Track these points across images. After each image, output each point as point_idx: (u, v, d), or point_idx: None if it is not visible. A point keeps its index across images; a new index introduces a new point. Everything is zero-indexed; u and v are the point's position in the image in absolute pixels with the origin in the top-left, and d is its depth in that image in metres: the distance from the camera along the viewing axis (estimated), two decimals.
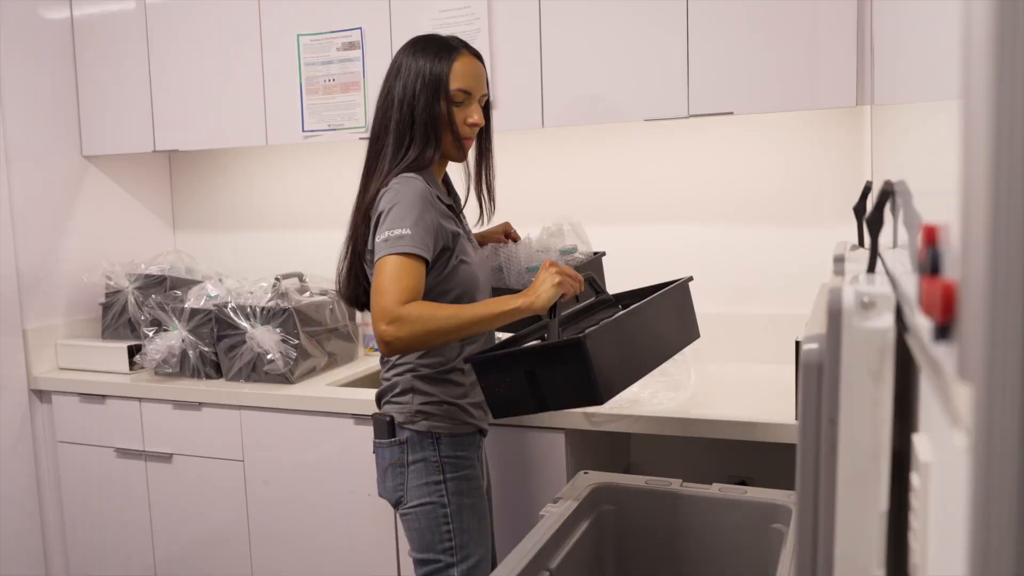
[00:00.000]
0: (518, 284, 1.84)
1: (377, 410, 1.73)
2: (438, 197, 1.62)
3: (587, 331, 1.41)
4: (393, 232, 1.50)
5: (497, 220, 1.89)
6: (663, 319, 1.67)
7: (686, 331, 1.74)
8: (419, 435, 1.64)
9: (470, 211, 1.82)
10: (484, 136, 1.76)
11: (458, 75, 1.63)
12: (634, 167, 2.47)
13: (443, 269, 1.61)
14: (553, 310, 1.50)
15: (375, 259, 1.52)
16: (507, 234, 1.97)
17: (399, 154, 1.62)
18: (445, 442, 1.64)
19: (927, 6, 0.64)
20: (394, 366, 1.70)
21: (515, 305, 1.48)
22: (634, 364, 1.57)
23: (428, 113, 1.62)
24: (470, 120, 1.66)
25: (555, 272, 1.51)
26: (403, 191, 1.54)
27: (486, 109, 1.72)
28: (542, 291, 1.49)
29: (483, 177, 1.79)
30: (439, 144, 1.64)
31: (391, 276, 1.47)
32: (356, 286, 1.70)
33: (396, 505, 1.67)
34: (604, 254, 2.00)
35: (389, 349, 1.47)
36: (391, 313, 1.44)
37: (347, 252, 1.69)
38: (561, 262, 1.82)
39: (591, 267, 1.94)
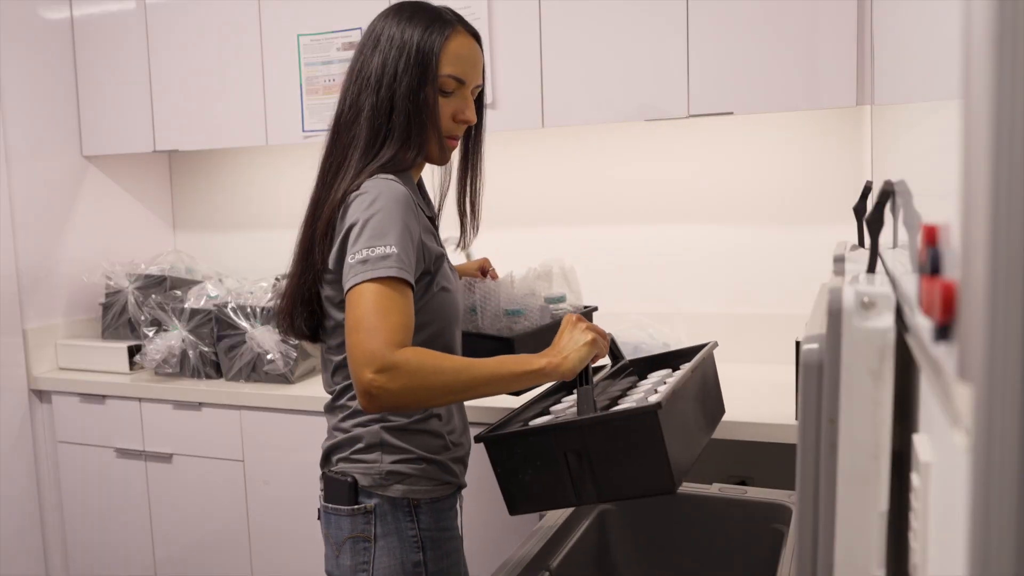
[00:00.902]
0: (492, 328, 1.58)
1: (329, 467, 1.37)
2: (420, 207, 1.32)
3: (655, 399, 1.18)
4: (373, 251, 1.18)
5: (482, 237, 1.59)
6: (708, 386, 1.45)
7: (718, 405, 1.51)
8: (392, 503, 1.30)
9: (446, 227, 1.52)
10: (473, 137, 1.45)
11: (451, 57, 1.31)
12: (634, 167, 2.47)
13: (419, 296, 1.28)
14: (584, 375, 1.24)
15: (348, 284, 1.19)
16: (484, 272, 1.69)
17: (372, 150, 1.30)
18: (425, 510, 1.32)
19: (927, 6, 0.64)
20: (353, 413, 1.34)
21: (538, 366, 1.20)
22: (692, 441, 1.30)
23: (412, 100, 1.28)
24: (460, 116, 1.33)
25: (585, 328, 1.25)
26: (382, 197, 1.22)
27: (479, 104, 1.42)
28: (570, 351, 1.22)
29: (468, 187, 1.45)
30: (423, 142, 1.31)
31: (376, 309, 1.14)
32: (306, 313, 1.34)
33: None
34: (596, 309, 1.83)
35: (373, 404, 1.13)
36: (382, 359, 1.11)
37: (298, 271, 1.34)
38: (546, 308, 1.61)
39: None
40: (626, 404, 1.31)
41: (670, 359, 1.57)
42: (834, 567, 0.62)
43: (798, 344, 1.24)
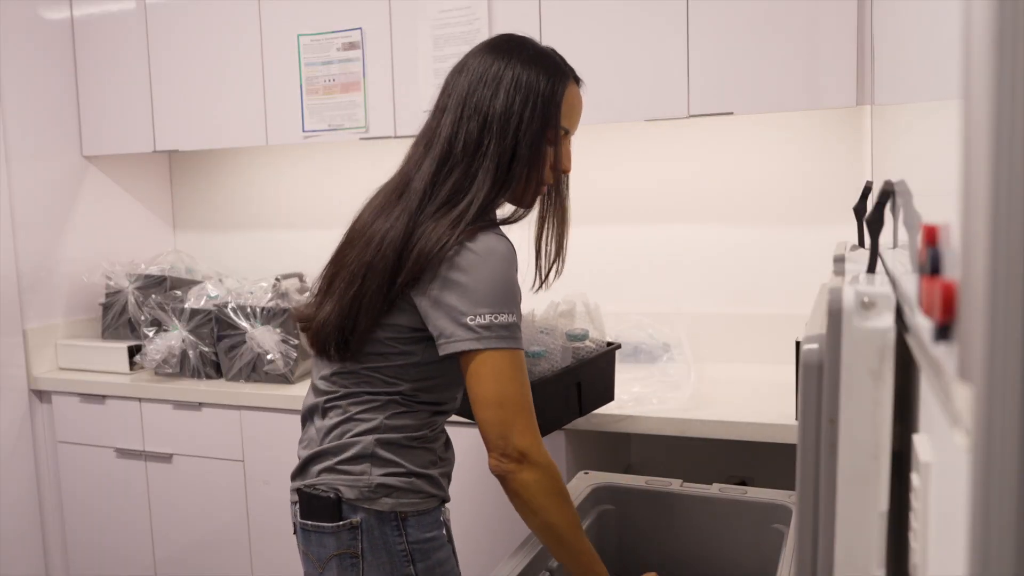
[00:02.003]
0: None
1: (308, 480, 1.32)
2: None
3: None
4: (497, 318, 1.18)
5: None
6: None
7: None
8: (379, 517, 1.27)
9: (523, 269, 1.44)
10: (560, 181, 1.40)
11: (567, 108, 1.31)
12: (634, 167, 2.47)
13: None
14: None
15: (469, 344, 1.19)
16: None
17: (489, 196, 1.25)
18: (412, 523, 1.29)
19: (927, 6, 0.64)
20: (350, 419, 1.30)
21: None
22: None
23: (533, 150, 1.27)
24: (560, 165, 1.32)
25: None
26: (505, 261, 1.22)
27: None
28: None
29: (552, 227, 1.39)
30: (538, 191, 1.32)
31: (515, 383, 1.20)
32: (340, 331, 1.28)
33: None
34: (619, 347, 1.78)
35: (509, 483, 1.22)
36: (533, 453, 1.20)
37: (351, 291, 1.26)
38: (568, 348, 1.57)
39: (602, 361, 1.71)
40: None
41: None
42: (834, 567, 0.62)
43: (798, 344, 1.24)
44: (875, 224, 0.75)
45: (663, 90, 2.06)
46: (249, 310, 2.41)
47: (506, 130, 1.25)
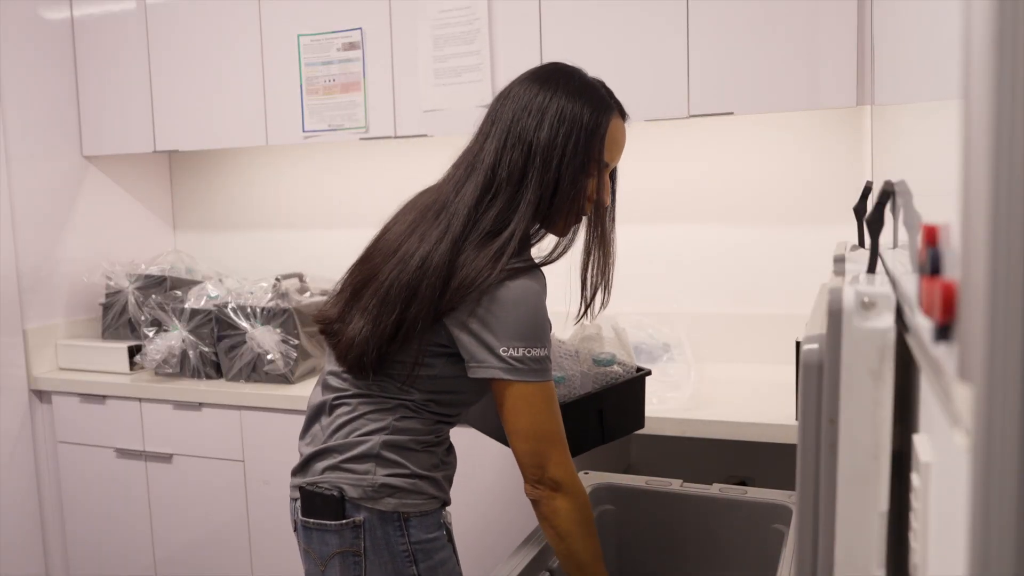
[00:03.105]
0: None
1: (310, 477, 1.32)
2: None
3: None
4: (530, 351, 1.22)
5: None
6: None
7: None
8: (382, 517, 1.28)
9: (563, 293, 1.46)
10: (605, 212, 1.39)
11: (609, 143, 1.30)
12: (634, 167, 2.46)
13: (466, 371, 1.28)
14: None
15: (502, 375, 1.22)
16: None
17: (531, 225, 1.27)
18: (414, 524, 1.30)
19: (927, 6, 0.64)
20: (359, 418, 1.31)
21: None
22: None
23: (573, 184, 1.27)
24: (598, 197, 1.31)
25: None
26: (538, 296, 1.24)
27: (611, 180, 1.39)
28: None
29: (598, 259, 1.38)
30: (572, 223, 1.34)
31: (551, 417, 1.25)
32: (379, 351, 1.27)
33: None
34: (649, 373, 1.68)
35: (541, 508, 1.27)
36: (568, 483, 1.26)
37: (392, 315, 1.25)
38: (589, 374, 1.54)
39: (629, 388, 1.61)
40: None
41: None
42: (834, 567, 0.62)
43: (798, 344, 1.24)
44: (875, 224, 0.75)
45: (663, 90, 2.06)
46: (249, 310, 2.41)
47: (549, 162, 1.25)
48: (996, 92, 0.35)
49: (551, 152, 1.25)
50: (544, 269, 1.31)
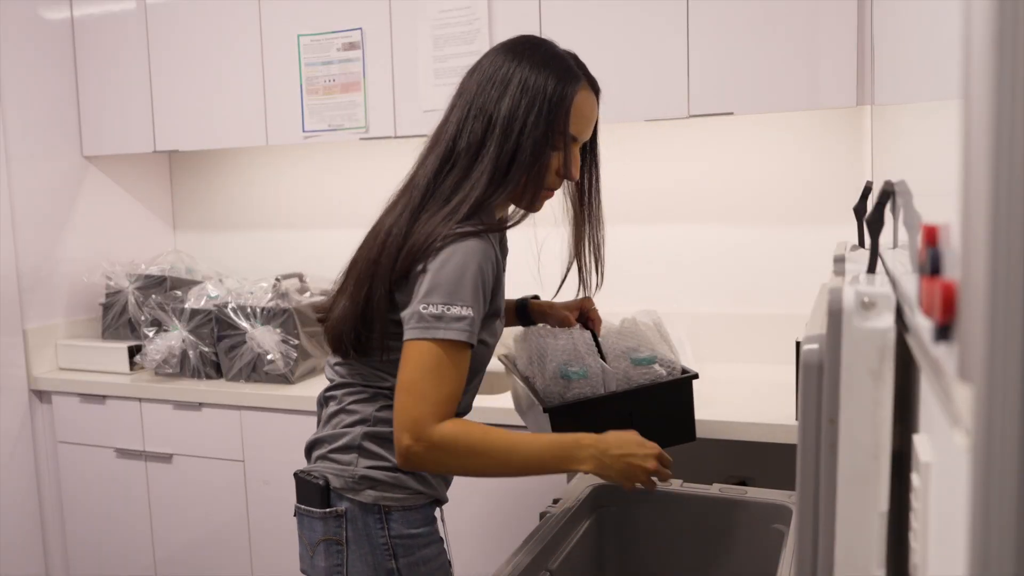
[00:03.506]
0: (541, 388, 1.42)
1: (306, 466, 1.37)
2: (499, 261, 1.30)
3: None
4: (449, 308, 1.18)
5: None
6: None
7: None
8: (363, 508, 1.30)
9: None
10: (589, 190, 1.43)
11: (577, 114, 1.28)
12: (634, 167, 2.47)
13: None
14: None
15: (412, 333, 1.19)
16: (582, 315, 1.55)
17: (485, 197, 1.25)
18: (396, 518, 1.29)
19: (927, 6, 0.64)
20: (344, 409, 1.34)
21: (577, 468, 1.23)
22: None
23: (534, 154, 1.25)
24: (565, 172, 1.30)
25: (649, 456, 1.24)
26: (472, 256, 1.20)
27: (593, 155, 1.41)
28: (616, 471, 1.24)
29: (589, 240, 1.42)
30: (536, 196, 1.30)
31: (432, 374, 1.17)
32: (355, 331, 1.29)
33: None
34: (696, 376, 1.48)
35: (407, 466, 1.21)
36: (422, 432, 1.17)
37: (362, 290, 1.27)
38: (619, 372, 1.43)
39: (672, 393, 1.44)
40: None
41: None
42: (834, 567, 0.62)
43: (798, 344, 1.24)
44: (875, 224, 0.75)
45: (663, 90, 2.06)
46: (249, 310, 2.41)
47: (509, 133, 1.24)
48: (996, 92, 0.35)
49: (511, 123, 1.24)
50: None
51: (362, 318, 1.28)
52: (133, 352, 2.58)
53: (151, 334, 2.51)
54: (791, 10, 1.94)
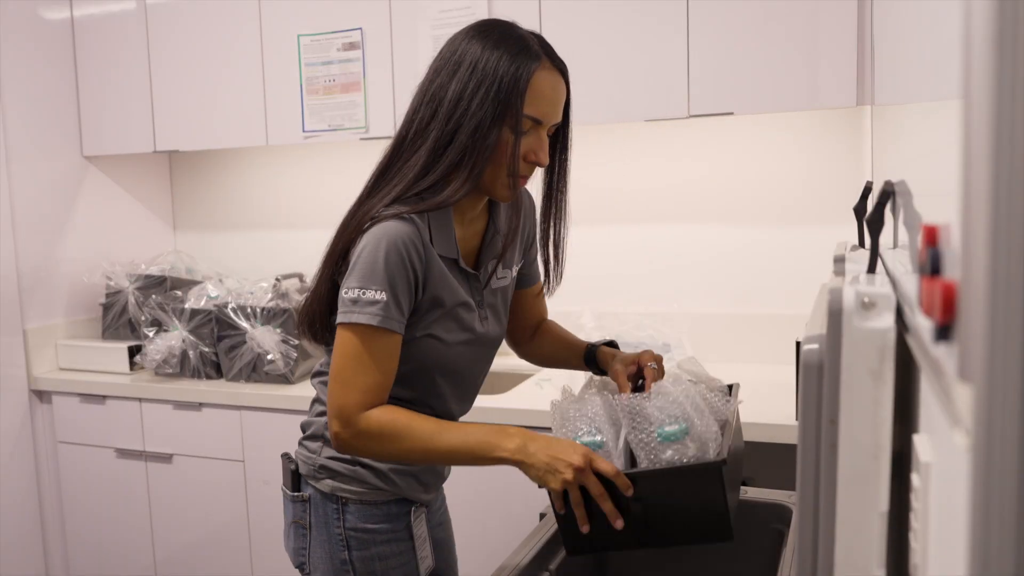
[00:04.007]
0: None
1: (298, 447, 1.40)
2: (441, 255, 1.23)
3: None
4: (364, 292, 1.16)
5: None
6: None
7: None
8: (323, 496, 1.31)
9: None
10: (556, 178, 1.32)
11: (533, 96, 1.19)
12: (634, 167, 2.47)
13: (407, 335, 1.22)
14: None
15: (339, 317, 1.19)
16: (640, 369, 1.33)
17: (416, 182, 1.20)
18: (352, 510, 1.29)
19: (927, 6, 0.64)
20: (317, 398, 1.37)
21: (500, 458, 1.15)
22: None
23: (476, 136, 1.17)
24: (532, 156, 1.21)
25: (572, 466, 1.11)
26: (386, 239, 1.17)
27: (563, 141, 1.30)
28: (542, 467, 1.13)
29: (552, 233, 1.34)
30: (475, 179, 1.19)
31: (355, 361, 1.16)
32: (309, 317, 1.30)
33: (299, 569, 1.37)
34: (724, 463, 1.14)
35: (336, 448, 1.21)
36: (348, 420, 1.16)
37: (317, 279, 1.29)
38: (658, 452, 1.18)
39: (694, 480, 1.15)
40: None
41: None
42: (834, 567, 0.62)
43: (798, 344, 1.24)
44: (875, 224, 0.75)
45: (663, 90, 2.06)
46: (249, 310, 2.41)
47: (451, 115, 1.18)
48: (996, 92, 0.35)
49: (456, 105, 1.18)
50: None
51: (313, 305, 1.29)
52: (133, 352, 2.58)
53: (151, 334, 2.51)
54: (791, 10, 1.93)
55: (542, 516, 1.51)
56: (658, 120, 2.12)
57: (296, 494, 1.35)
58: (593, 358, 1.43)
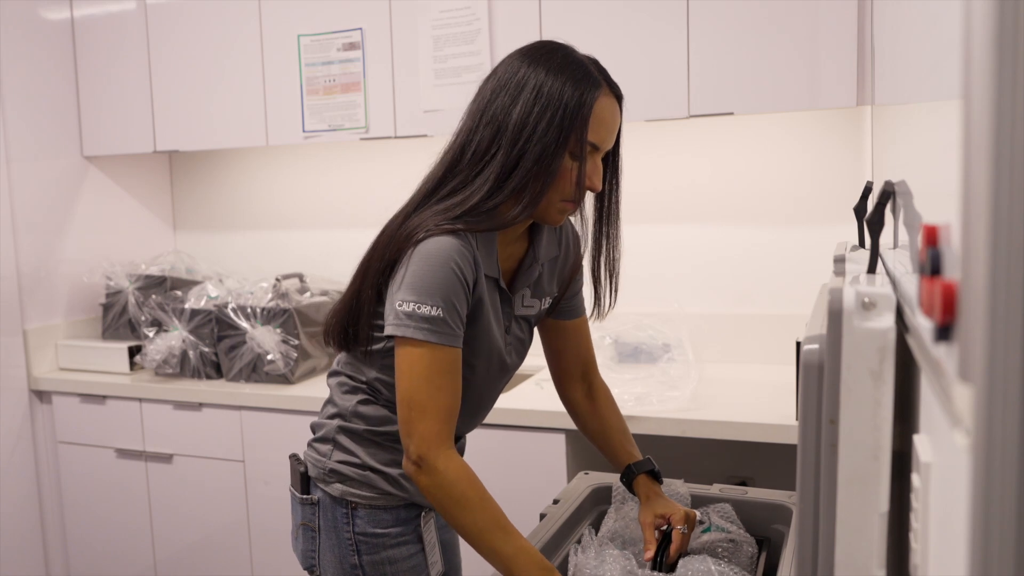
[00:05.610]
0: None
1: (308, 448, 1.39)
2: (486, 275, 1.23)
3: None
4: (420, 307, 1.14)
5: None
6: None
7: None
8: (333, 500, 1.31)
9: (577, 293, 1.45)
10: (608, 199, 1.31)
11: (597, 122, 1.20)
12: (634, 167, 2.46)
13: None
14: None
15: (395, 330, 1.16)
16: (667, 521, 1.37)
17: (484, 200, 1.19)
18: (362, 515, 1.29)
19: (927, 6, 0.64)
20: (330, 400, 1.36)
21: None
22: None
23: (543, 162, 1.17)
24: (587, 183, 1.21)
25: None
26: (444, 254, 1.16)
27: (615, 165, 1.30)
28: None
29: (605, 253, 1.33)
30: (535, 204, 1.20)
31: (426, 382, 1.15)
32: (343, 323, 1.28)
33: (309, 571, 1.36)
34: None
35: (406, 469, 1.19)
36: (428, 451, 1.15)
37: (355, 285, 1.27)
38: None
39: None
40: None
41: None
42: (834, 567, 0.62)
43: (799, 344, 1.24)
44: (875, 224, 0.75)
45: (663, 90, 2.06)
46: (249, 310, 2.41)
47: (517, 140, 1.18)
48: (996, 92, 0.35)
49: (520, 130, 1.18)
50: None
51: (350, 311, 1.27)
52: (133, 352, 2.58)
53: (151, 334, 2.51)
54: (791, 10, 1.94)
55: (542, 516, 1.51)
56: (658, 120, 2.12)
57: (305, 497, 1.34)
58: (630, 477, 1.46)
